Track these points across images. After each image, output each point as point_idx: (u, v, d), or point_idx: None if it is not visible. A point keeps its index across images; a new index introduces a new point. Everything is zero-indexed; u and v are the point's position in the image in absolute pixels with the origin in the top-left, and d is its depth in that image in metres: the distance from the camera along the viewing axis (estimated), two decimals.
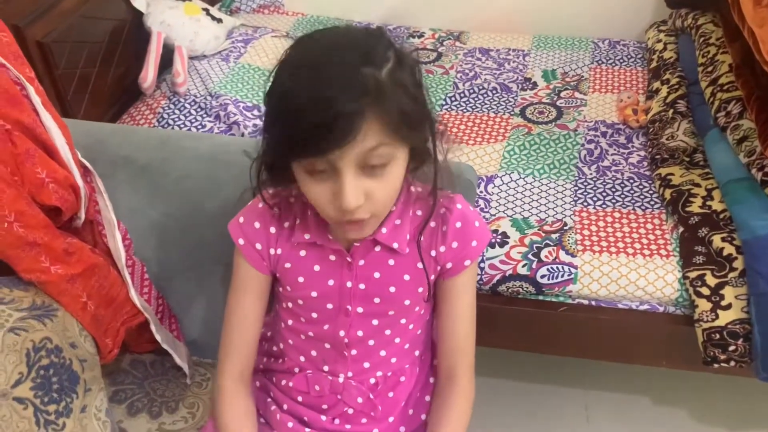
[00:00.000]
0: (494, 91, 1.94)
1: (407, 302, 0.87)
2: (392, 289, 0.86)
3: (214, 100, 1.73)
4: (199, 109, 1.73)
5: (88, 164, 1.08)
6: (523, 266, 1.38)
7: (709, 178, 1.48)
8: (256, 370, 0.96)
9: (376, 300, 0.86)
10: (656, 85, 1.82)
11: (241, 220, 0.88)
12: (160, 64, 1.80)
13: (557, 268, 1.37)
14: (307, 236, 0.85)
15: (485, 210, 1.51)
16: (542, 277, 1.37)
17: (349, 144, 0.68)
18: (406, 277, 0.86)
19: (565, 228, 1.45)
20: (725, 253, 1.32)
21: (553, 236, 1.42)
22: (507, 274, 1.39)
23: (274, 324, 0.96)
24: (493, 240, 1.42)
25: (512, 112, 1.85)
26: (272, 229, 0.86)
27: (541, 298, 1.41)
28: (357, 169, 0.71)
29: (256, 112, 1.72)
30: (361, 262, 0.85)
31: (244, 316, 0.90)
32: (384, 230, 0.83)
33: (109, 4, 1.75)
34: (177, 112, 1.73)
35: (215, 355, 1.14)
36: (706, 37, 1.76)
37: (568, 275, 1.37)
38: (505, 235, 1.43)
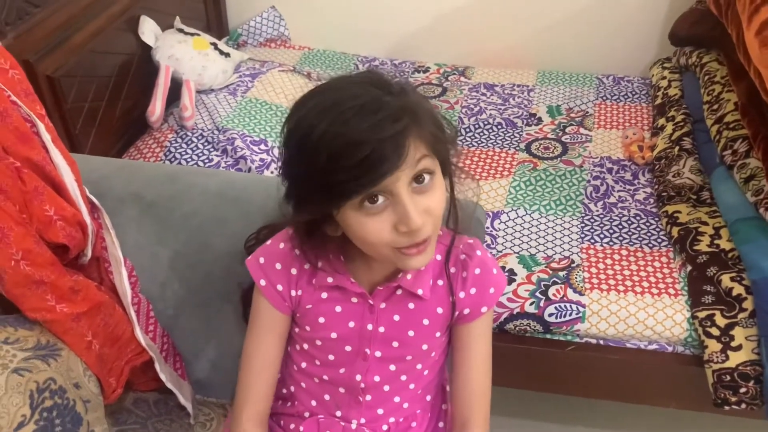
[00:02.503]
0: (499, 127, 1.95)
1: (425, 347, 0.87)
2: (411, 333, 0.85)
3: (222, 134, 1.74)
4: (206, 143, 1.74)
5: (95, 201, 1.08)
6: (531, 304, 1.37)
7: (716, 217, 1.48)
8: None
9: (395, 344, 0.86)
10: (661, 121, 1.83)
11: (262, 260, 0.87)
12: (167, 98, 1.81)
13: (565, 306, 1.36)
14: (330, 280, 0.84)
15: (492, 246, 1.50)
16: (550, 315, 1.36)
17: (402, 164, 0.69)
18: (426, 322, 0.85)
19: (572, 265, 1.44)
20: (734, 293, 1.31)
21: (561, 274, 1.42)
22: (515, 312, 1.37)
23: (285, 366, 0.94)
24: None
25: (517, 148, 1.86)
26: (293, 270, 0.86)
27: (548, 336, 1.40)
28: (409, 189, 0.72)
29: (263, 147, 1.73)
30: (383, 305, 0.85)
31: (263, 358, 0.89)
32: (409, 276, 0.83)
33: (118, 38, 1.77)
34: (184, 145, 1.73)
35: (220, 394, 1.14)
36: (710, 76, 1.77)
37: (576, 314, 1.36)
38: (512, 272, 1.43)
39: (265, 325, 0.88)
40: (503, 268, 1.43)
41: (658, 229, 1.54)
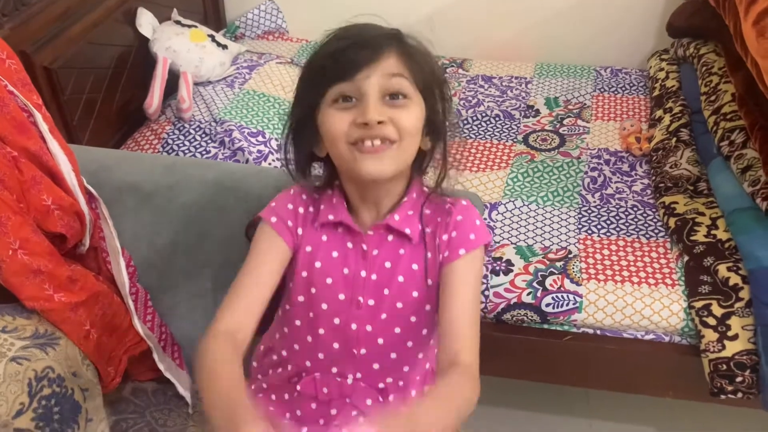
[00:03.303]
0: (497, 118, 1.95)
1: (415, 294, 0.87)
2: (401, 279, 0.87)
3: (219, 126, 1.74)
4: (203, 135, 1.73)
5: (93, 191, 1.08)
6: (528, 294, 1.37)
7: (713, 207, 1.48)
8: (259, 388, 0.95)
9: (386, 291, 0.87)
10: (659, 113, 1.83)
11: (273, 204, 0.90)
12: (165, 90, 1.81)
13: (562, 296, 1.36)
14: (330, 217, 0.88)
15: None
16: (547, 305, 1.37)
17: (375, 63, 0.79)
18: (415, 267, 0.87)
19: (569, 256, 1.44)
20: (731, 282, 1.31)
21: (558, 264, 1.42)
22: (512, 302, 1.38)
23: (277, 332, 0.94)
24: (498, 267, 1.42)
25: (515, 139, 1.86)
26: (300, 210, 0.90)
27: (545, 326, 1.40)
28: (380, 96, 0.80)
29: (260, 138, 1.73)
30: (375, 252, 0.87)
31: (258, 276, 0.85)
32: (397, 217, 0.86)
33: (116, 30, 1.77)
34: (182, 137, 1.73)
35: None
36: (708, 67, 1.77)
37: (573, 304, 1.36)
38: (509, 262, 1.43)
39: (266, 251, 0.87)
40: (500, 258, 1.43)
41: (655, 220, 1.54)
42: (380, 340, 0.88)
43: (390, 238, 0.88)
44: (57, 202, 0.96)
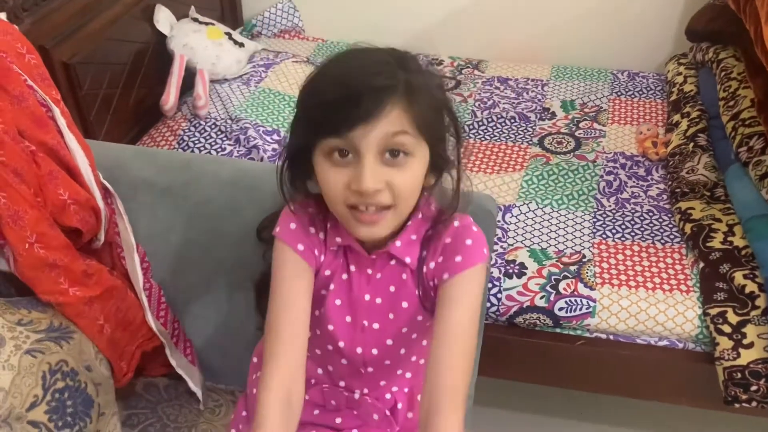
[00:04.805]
0: (512, 120, 1.94)
1: (419, 318, 0.87)
2: (405, 305, 0.85)
3: (235, 123, 1.74)
4: (219, 133, 1.74)
5: (109, 186, 1.08)
6: (541, 298, 1.37)
7: (730, 214, 1.47)
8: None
9: (391, 316, 0.86)
10: (676, 118, 1.82)
11: (293, 226, 0.84)
12: (181, 87, 1.82)
13: (575, 300, 1.36)
14: (338, 239, 0.84)
15: (503, 240, 1.50)
16: (560, 309, 1.36)
17: (373, 120, 0.70)
18: (417, 293, 0.86)
19: (583, 260, 1.43)
20: (747, 290, 1.30)
21: (572, 268, 1.41)
22: (524, 306, 1.37)
23: None
24: (511, 270, 1.41)
25: (530, 142, 1.85)
26: (321, 235, 0.85)
27: (558, 330, 1.40)
28: (378, 156, 0.72)
29: (275, 137, 1.73)
30: (379, 276, 0.85)
31: (296, 315, 0.80)
32: (398, 243, 0.82)
33: (134, 26, 1.78)
34: (197, 134, 1.74)
35: (229, 381, 1.15)
36: (727, 72, 1.75)
37: (587, 308, 1.35)
38: (522, 265, 1.42)
39: (294, 275, 0.82)
40: (514, 261, 1.43)
41: (670, 226, 1.53)
42: (387, 362, 0.89)
43: (393, 262, 0.84)
44: (73, 197, 0.96)
